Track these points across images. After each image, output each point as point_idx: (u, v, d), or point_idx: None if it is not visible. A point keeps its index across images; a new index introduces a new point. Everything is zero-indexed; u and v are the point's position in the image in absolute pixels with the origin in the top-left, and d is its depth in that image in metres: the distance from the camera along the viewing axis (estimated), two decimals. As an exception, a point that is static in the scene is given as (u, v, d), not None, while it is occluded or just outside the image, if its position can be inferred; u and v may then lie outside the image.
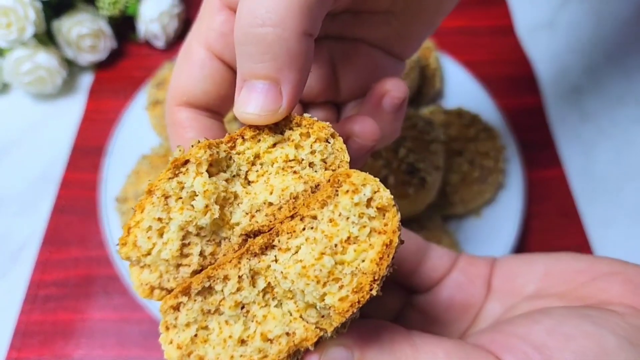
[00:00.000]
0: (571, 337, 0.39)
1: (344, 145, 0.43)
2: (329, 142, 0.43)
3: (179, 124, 0.49)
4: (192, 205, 0.40)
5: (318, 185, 0.42)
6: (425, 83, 1.14)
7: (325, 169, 0.43)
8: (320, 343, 0.40)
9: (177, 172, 0.41)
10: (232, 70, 0.50)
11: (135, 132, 1.09)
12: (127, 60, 1.33)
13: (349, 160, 0.43)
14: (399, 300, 0.58)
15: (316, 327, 0.39)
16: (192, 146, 0.41)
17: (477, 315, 0.54)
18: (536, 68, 1.32)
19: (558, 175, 1.14)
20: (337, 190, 0.40)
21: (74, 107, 1.24)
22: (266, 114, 0.41)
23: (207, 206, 0.40)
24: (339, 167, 0.43)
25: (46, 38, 1.23)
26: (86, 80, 1.29)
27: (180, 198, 0.41)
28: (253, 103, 0.41)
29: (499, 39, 1.38)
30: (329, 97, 0.59)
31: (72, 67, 1.29)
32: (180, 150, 0.41)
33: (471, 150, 1.02)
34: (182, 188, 0.41)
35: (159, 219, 0.40)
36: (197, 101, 0.49)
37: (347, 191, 0.39)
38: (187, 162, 0.41)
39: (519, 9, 1.45)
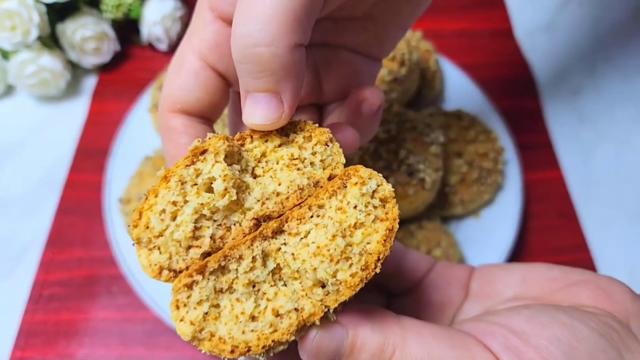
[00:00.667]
0: (547, 325, 0.43)
1: (341, 149, 0.49)
2: (328, 146, 0.48)
3: (173, 129, 0.51)
4: (210, 190, 0.44)
5: (318, 182, 0.47)
6: (425, 85, 1.15)
7: (324, 169, 0.48)
8: (322, 320, 0.43)
9: (195, 160, 0.44)
10: (224, 79, 0.52)
11: (139, 134, 1.10)
12: (130, 63, 1.34)
13: (344, 162, 0.48)
14: (379, 302, 0.61)
15: (321, 304, 0.42)
16: (210, 138, 0.44)
17: (455, 315, 0.57)
18: (535, 70, 1.33)
19: (556, 177, 1.15)
20: (345, 183, 0.45)
21: (77, 110, 1.25)
22: (270, 121, 0.45)
23: (225, 189, 0.43)
24: (335, 167, 0.48)
25: (50, 41, 1.24)
26: (90, 82, 1.31)
27: (196, 184, 0.43)
28: (259, 113, 0.45)
29: (498, 41, 1.40)
30: (312, 100, 0.62)
31: (76, 70, 1.30)
32: (198, 141, 0.44)
33: (470, 152, 1.03)
34: (199, 175, 0.44)
35: (174, 203, 0.43)
36: (190, 109, 0.51)
37: (356, 183, 0.45)
38: (205, 151, 0.44)
39: (518, 12, 1.46)
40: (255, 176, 0.47)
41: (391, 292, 0.62)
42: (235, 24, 0.42)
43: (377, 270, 0.43)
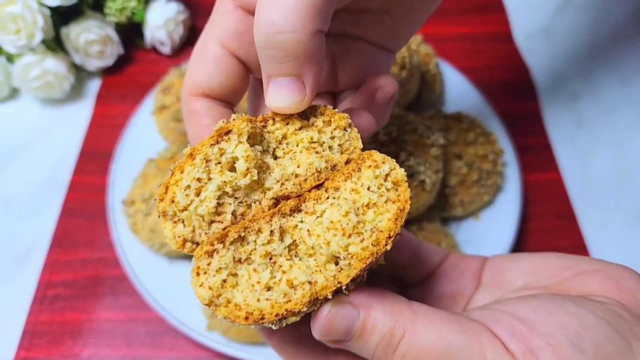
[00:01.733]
0: (553, 313, 0.43)
1: (359, 135, 0.51)
2: (347, 131, 0.50)
3: (195, 112, 0.54)
4: (233, 169, 0.46)
5: (335, 165, 0.49)
6: (426, 88, 1.16)
7: (341, 153, 0.50)
8: (335, 296, 0.45)
9: (219, 139, 0.46)
10: (244, 65, 0.55)
11: (142, 137, 1.11)
12: (134, 66, 1.35)
13: (361, 147, 0.50)
14: (392, 292, 0.63)
15: (334, 280, 0.44)
16: (234, 119, 0.47)
17: (466, 305, 0.58)
18: (533, 74, 1.34)
19: (555, 179, 1.16)
20: (360, 167, 0.48)
21: (81, 112, 1.27)
22: (293, 104, 0.47)
23: (247, 169, 0.46)
24: (352, 152, 0.50)
25: (54, 44, 1.25)
26: (94, 85, 1.32)
27: (220, 163, 0.46)
28: (282, 97, 0.47)
29: (497, 45, 1.41)
30: (327, 88, 0.64)
31: (79, 73, 1.32)
32: (223, 122, 0.47)
33: (470, 154, 1.04)
34: (223, 154, 0.46)
35: (198, 179, 0.45)
36: (212, 93, 0.54)
37: (370, 166, 0.47)
38: (229, 132, 0.46)
39: (517, 16, 1.47)
40: (275, 157, 0.49)
41: (405, 282, 0.63)
42: (258, 12, 0.44)
43: (388, 248, 0.44)
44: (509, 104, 1.26)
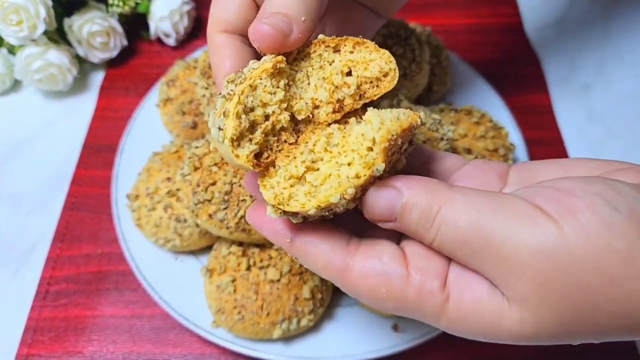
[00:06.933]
0: (591, 183, 0.45)
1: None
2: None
3: (218, 44, 0.59)
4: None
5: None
6: (435, 81, 1.14)
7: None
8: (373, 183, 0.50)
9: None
10: (257, 5, 0.60)
11: (147, 130, 1.10)
12: (138, 58, 1.34)
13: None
14: None
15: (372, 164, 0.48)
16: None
17: None
18: (544, 66, 1.32)
19: (567, 173, 1.14)
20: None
21: (85, 105, 1.25)
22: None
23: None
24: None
25: (57, 36, 1.23)
26: (97, 78, 1.30)
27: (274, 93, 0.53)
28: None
29: (508, 37, 1.38)
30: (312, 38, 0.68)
31: (83, 65, 1.30)
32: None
33: (480, 148, 1.02)
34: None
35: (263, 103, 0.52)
36: (232, 27, 0.59)
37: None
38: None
39: (528, 8, 1.45)
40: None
41: None
42: None
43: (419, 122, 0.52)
44: (520, 97, 1.24)
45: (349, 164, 0.49)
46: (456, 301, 0.47)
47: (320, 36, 0.56)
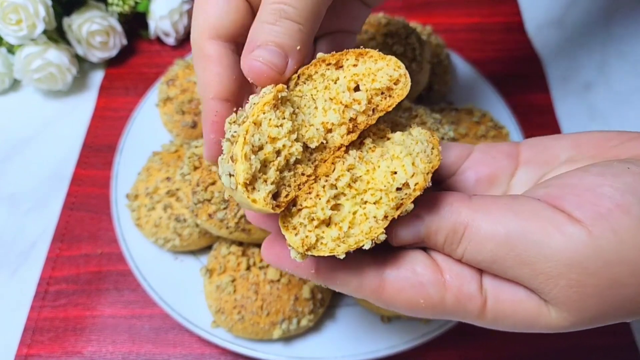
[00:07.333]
0: (619, 175, 0.44)
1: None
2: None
3: (208, 57, 0.54)
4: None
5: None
6: (436, 80, 1.14)
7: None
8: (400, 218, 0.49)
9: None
10: (249, 4, 0.55)
11: (146, 130, 1.09)
12: (137, 58, 1.33)
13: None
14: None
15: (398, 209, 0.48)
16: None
17: (508, 185, 0.58)
18: (546, 65, 1.32)
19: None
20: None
21: (84, 104, 1.25)
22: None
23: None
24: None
25: (56, 35, 1.23)
26: (97, 77, 1.30)
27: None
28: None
29: (508, 36, 1.38)
30: None
31: (82, 64, 1.29)
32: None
33: (481, 148, 1.02)
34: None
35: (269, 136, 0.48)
36: (225, 32, 0.54)
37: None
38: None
39: (529, 6, 1.44)
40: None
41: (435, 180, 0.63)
42: None
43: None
44: (521, 96, 1.24)
45: (375, 202, 0.48)
46: (495, 303, 0.47)
47: (319, 55, 0.52)
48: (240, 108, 0.51)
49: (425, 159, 0.48)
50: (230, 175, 0.46)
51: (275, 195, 0.48)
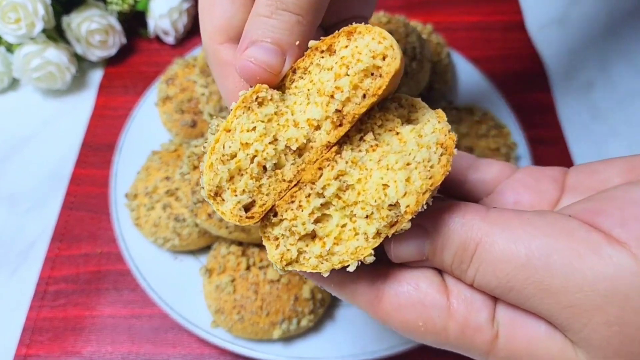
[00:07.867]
0: None
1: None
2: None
3: (226, 63, 0.49)
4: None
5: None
6: (437, 79, 1.13)
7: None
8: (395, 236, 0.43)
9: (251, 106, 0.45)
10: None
11: (146, 129, 1.09)
12: (137, 56, 1.33)
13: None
14: None
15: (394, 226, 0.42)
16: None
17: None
18: (547, 64, 1.31)
19: (569, 172, 1.13)
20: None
21: (83, 103, 1.24)
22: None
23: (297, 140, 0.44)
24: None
25: (55, 34, 1.22)
26: (96, 76, 1.29)
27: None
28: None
29: (509, 35, 1.38)
30: None
31: (81, 63, 1.29)
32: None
33: (482, 147, 1.02)
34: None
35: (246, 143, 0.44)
36: (236, 33, 0.49)
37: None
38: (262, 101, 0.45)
39: (530, 5, 1.44)
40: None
41: (466, 199, 0.55)
42: None
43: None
44: (522, 95, 1.23)
45: (366, 217, 0.42)
46: (507, 339, 0.40)
47: (311, 42, 0.46)
48: (218, 116, 0.48)
49: (425, 174, 0.41)
50: (202, 187, 0.44)
51: (251, 205, 0.44)
